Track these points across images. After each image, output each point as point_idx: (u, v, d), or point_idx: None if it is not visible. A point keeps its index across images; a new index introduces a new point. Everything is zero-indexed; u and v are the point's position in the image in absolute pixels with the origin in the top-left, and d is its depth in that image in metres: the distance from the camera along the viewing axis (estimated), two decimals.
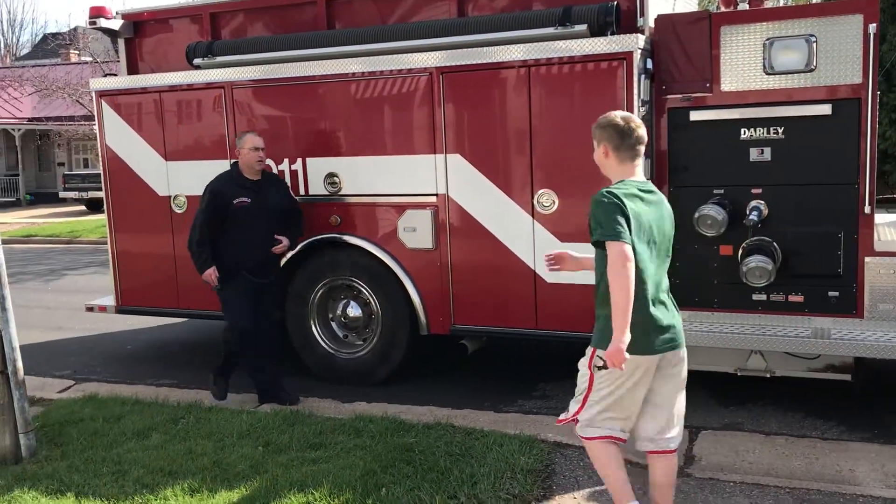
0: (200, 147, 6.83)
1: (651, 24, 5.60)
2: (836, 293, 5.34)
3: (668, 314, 3.62)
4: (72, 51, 33.04)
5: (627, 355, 3.38)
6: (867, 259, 5.24)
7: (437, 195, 6.06)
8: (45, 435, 5.42)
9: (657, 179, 5.67)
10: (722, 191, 5.48)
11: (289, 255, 6.39)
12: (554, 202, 5.71)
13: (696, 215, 5.39)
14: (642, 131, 3.63)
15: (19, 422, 5.03)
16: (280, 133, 6.50)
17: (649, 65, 5.50)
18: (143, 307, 7.38)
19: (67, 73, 26.75)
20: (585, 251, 5.58)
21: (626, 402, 3.66)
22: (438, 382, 6.63)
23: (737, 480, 4.50)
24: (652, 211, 3.60)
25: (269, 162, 6.49)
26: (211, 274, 5.90)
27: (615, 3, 5.58)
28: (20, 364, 5.03)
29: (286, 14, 6.82)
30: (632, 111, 5.34)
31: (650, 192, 3.66)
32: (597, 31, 5.57)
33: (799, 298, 5.42)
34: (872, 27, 5.01)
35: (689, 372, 5.77)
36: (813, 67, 5.19)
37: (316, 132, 6.41)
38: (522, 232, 5.84)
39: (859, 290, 5.28)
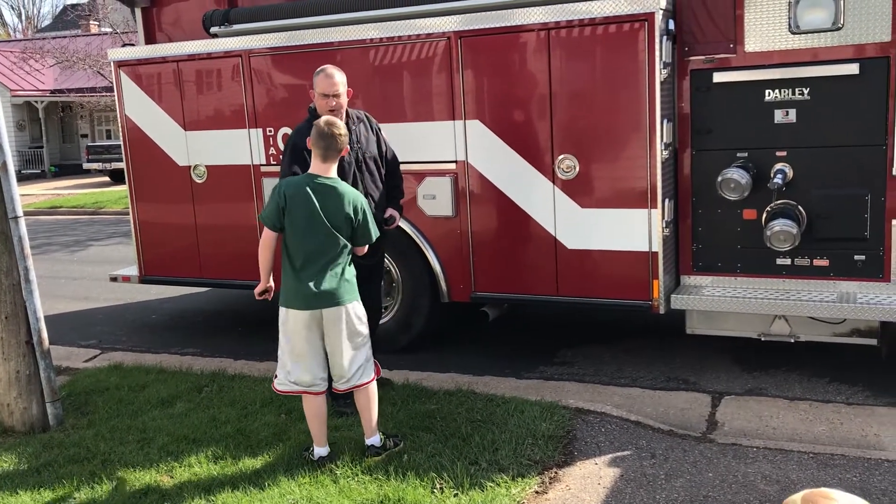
0: (219, 116, 6.81)
1: None
2: (863, 257, 5.25)
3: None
4: (91, 22, 33.04)
5: None
6: (894, 222, 5.14)
7: (456, 162, 6.01)
8: (71, 404, 5.50)
9: (680, 143, 5.59)
10: (746, 154, 5.38)
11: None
12: (574, 167, 5.65)
13: (720, 179, 5.30)
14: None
15: (46, 391, 5.11)
16: (298, 101, 6.45)
17: (671, 26, 5.38)
18: (165, 277, 7.44)
19: (88, 44, 26.83)
20: (606, 217, 5.60)
21: None
22: (460, 350, 6.64)
23: (760, 446, 4.47)
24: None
25: (287, 131, 6.46)
26: None
27: None
28: (45, 334, 5.09)
29: None
30: (653, 74, 5.25)
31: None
32: None
33: (824, 262, 5.34)
34: None
35: (713, 337, 5.77)
36: (840, 25, 5.05)
37: None
38: (543, 198, 5.79)
39: (886, 253, 5.19)
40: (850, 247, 5.27)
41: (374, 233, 4.40)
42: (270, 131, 6.58)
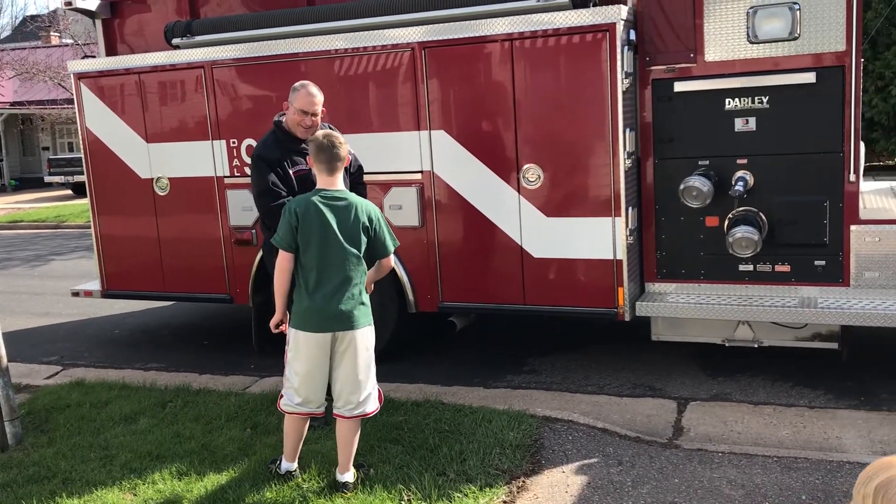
0: (182, 128, 6.74)
1: None
2: (823, 262, 5.34)
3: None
4: (52, 33, 32.59)
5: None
6: (853, 227, 5.23)
7: (422, 172, 6.01)
8: (31, 422, 5.39)
9: (642, 151, 5.65)
10: (707, 162, 5.45)
11: None
12: (539, 177, 5.68)
13: (682, 187, 5.37)
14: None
15: (4, 410, 4.99)
16: (262, 112, 6.41)
17: (633, 36, 5.45)
18: (128, 291, 7.33)
19: (48, 55, 26.48)
20: (571, 225, 5.64)
21: None
22: (428, 360, 6.62)
23: (725, 451, 4.52)
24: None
25: (252, 142, 6.42)
26: None
27: None
28: (3, 351, 4.98)
29: None
30: (615, 83, 5.30)
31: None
32: (579, 2, 5.50)
33: (785, 268, 5.42)
34: None
35: (679, 343, 5.83)
36: (797, 35, 5.14)
37: None
38: (508, 207, 5.81)
39: (845, 258, 5.28)
40: (810, 252, 5.35)
41: (393, 242, 4.25)
42: (234, 143, 6.53)
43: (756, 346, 5.58)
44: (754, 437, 4.80)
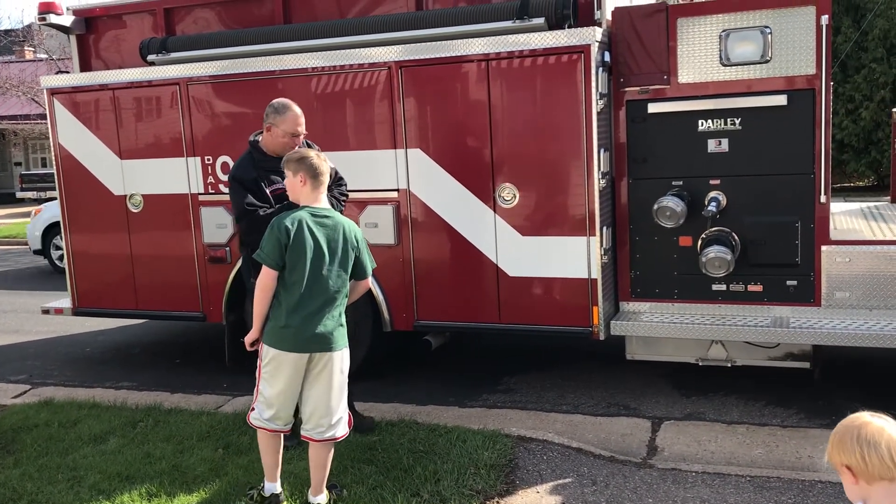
0: (156, 145, 6.69)
1: (608, 16, 5.60)
2: (794, 282, 5.39)
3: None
4: (26, 48, 32.30)
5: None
6: (824, 248, 5.30)
7: (398, 190, 6.01)
8: None
9: (617, 172, 5.69)
10: (681, 182, 5.50)
11: None
12: (515, 196, 5.70)
13: (656, 207, 5.41)
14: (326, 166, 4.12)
15: None
16: (237, 129, 6.39)
17: (607, 58, 5.50)
18: (100, 309, 7.24)
19: (22, 70, 26.19)
20: (546, 244, 5.66)
21: None
22: (403, 379, 6.59)
23: (698, 470, 4.53)
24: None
25: (227, 159, 6.39)
26: None
27: None
28: None
29: (242, 9, 6.71)
30: (590, 104, 5.35)
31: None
32: (554, 24, 5.55)
33: (758, 288, 5.46)
34: (825, 18, 5.05)
35: (653, 362, 5.85)
36: (768, 59, 5.22)
37: None
38: (484, 226, 5.82)
39: (816, 278, 5.34)
40: (782, 272, 5.41)
41: (371, 264, 4.22)
42: (209, 160, 6.49)
43: (729, 365, 5.62)
44: (727, 457, 4.82)
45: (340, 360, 4.06)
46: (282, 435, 4.18)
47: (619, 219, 5.73)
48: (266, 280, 3.97)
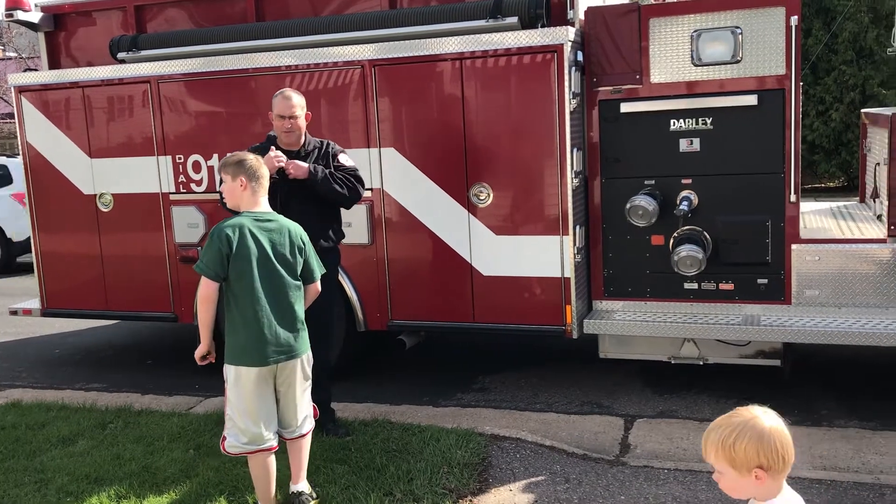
0: (127, 143, 6.62)
1: (581, 16, 5.62)
2: (765, 280, 5.44)
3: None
4: None
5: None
6: (794, 246, 5.35)
7: (372, 189, 5.98)
8: None
9: (590, 171, 5.71)
10: (653, 181, 5.53)
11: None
12: (488, 195, 5.70)
13: (628, 206, 5.44)
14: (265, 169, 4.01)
15: None
16: (209, 128, 6.35)
17: (580, 57, 5.52)
18: (69, 310, 7.14)
19: None
20: (519, 244, 5.67)
21: None
22: (377, 379, 6.57)
23: (670, 467, 4.55)
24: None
25: (198, 158, 6.34)
26: None
27: None
28: None
29: (214, 7, 6.65)
30: (563, 104, 5.36)
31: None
32: (528, 23, 5.56)
33: (729, 286, 5.51)
34: (794, 19, 5.11)
35: (626, 361, 5.85)
36: (739, 59, 5.27)
37: (247, 127, 6.27)
38: (458, 225, 5.81)
39: (787, 277, 5.39)
40: (753, 271, 5.45)
41: (320, 268, 4.09)
42: (180, 158, 6.43)
43: (701, 363, 5.66)
44: (699, 454, 4.81)
45: (306, 363, 4.00)
46: (273, 455, 3.96)
47: (592, 218, 5.75)
48: (207, 291, 3.81)
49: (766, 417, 2.04)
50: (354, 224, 6.01)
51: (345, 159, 5.13)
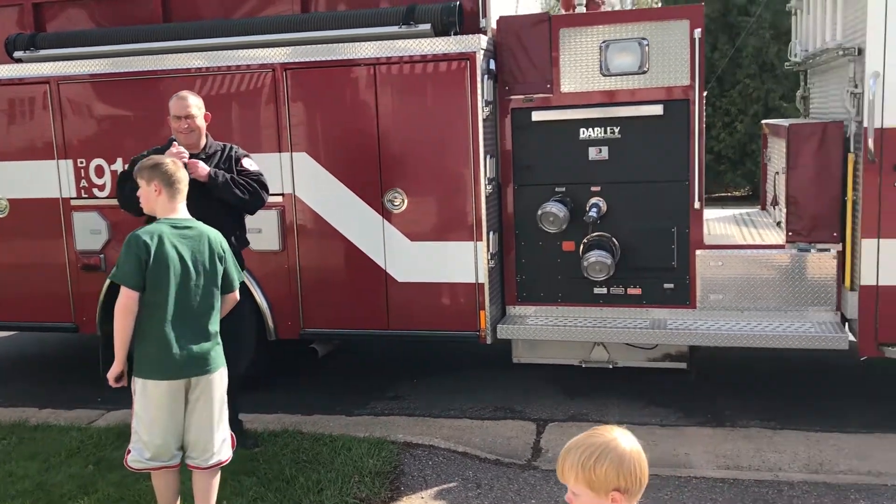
0: (24, 146, 6.31)
1: (494, 25, 5.67)
2: (671, 285, 5.59)
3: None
4: None
5: None
6: (698, 252, 5.51)
7: (283, 195, 5.88)
8: None
9: (503, 178, 5.76)
10: (563, 189, 5.62)
11: None
12: (403, 201, 5.67)
13: (539, 212, 5.50)
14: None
15: None
16: (114, 131, 6.12)
17: (492, 66, 5.56)
18: None
19: None
20: (434, 250, 5.66)
21: None
22: (291, 389, 6.45)
23: None
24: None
25: (101, 162, 6.11)
26: None
27: (458, 3, 5.59)
28: None
29: (118, 6, 6.42)
30: (476, 111, 5.39)
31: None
32: (440, 30, 5.56)
33: (637, 291, 5.63)
34: (698, 32, 5.27)
35: (540, 365, 5.90)
36: (645, 69, 5.40)
37: (154, 131, 6.06)
38: (372, 231, 5.77)
39: (692, 282, 5.55)
40: (659, 276, 5.59)
41: (239, 276, 3.95)
42: (82, 163, 6.18)
43: (611, 367, 5.77)
44: None
45: (220, 380, 3.80)
46: (178, 473, 3.79)
47: (506, 224, 5.80)
48: (127, 302, 3.61)
49: (624, 439, 2.02)
50: (265, 230, 5.90)
51: (248, 163, 4.99)
